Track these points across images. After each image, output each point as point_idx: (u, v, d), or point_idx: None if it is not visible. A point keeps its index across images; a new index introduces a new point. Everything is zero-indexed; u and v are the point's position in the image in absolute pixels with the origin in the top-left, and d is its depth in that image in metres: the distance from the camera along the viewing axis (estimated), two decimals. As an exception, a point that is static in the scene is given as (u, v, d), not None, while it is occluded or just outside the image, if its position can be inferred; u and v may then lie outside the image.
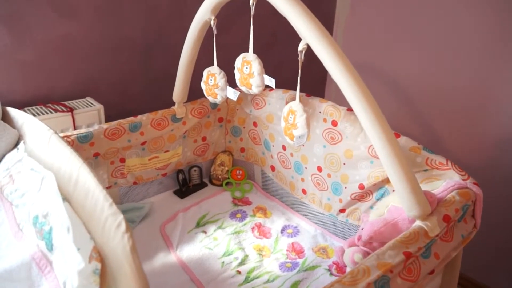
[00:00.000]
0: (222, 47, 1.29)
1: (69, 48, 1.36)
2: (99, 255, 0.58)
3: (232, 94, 1.31)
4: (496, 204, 1.52)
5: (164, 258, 1.25)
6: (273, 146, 1.53)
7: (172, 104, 1.46)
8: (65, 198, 0.69)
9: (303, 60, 0.98)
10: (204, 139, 1.62)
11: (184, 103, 1.47)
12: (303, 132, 1.06)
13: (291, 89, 1.43)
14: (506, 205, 1.54)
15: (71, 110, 1.29)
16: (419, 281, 0.80)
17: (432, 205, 0.87)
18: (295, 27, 0.89)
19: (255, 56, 1.16)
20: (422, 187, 0.89)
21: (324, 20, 0.87)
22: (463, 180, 1.00)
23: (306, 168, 1.42)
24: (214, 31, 1.18)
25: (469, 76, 1.56)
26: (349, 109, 1.26)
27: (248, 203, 1.55)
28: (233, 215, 1.47)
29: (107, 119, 1.38)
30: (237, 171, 1.66)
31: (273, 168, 1.58)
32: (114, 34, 1.43)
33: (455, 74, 1.60)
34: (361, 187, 1.23)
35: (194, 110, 1.50)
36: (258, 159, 1.64)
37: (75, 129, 1.30)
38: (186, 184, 1.60)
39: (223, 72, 1.31)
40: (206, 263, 1.24)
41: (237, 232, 1.38)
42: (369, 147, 1.19)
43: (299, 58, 0.97)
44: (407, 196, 0.84)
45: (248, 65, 1.16)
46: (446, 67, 1.62)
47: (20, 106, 1.29)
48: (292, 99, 1.37)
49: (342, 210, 1.33)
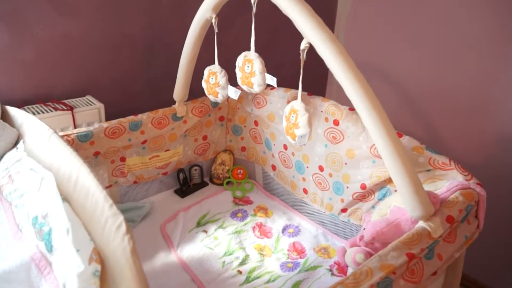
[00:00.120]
0: (223, 45, 1.28)
1: (69, 47, 1.35)
2: (99, 257, 0.58)
3: (233, 93, 1.31)
4: (498, 203, 1.51)
5: (164, 258, 1.25)
6: (274, 145, 1.53)
7: (173, 103, 1.45)
8: (65, 198, 0.69)
9: (305, 59, 0.97)
10: (205, 138, 1.61)
11: (184, 101, 1.46)
12: (305, 132, 1.05)
13: (292, 88, 1.42)
14: (508, 204, 1.53)
15: (71, 108, 1.28)
16: (422, 283, 0.79)
17: (435, 206, 0.86)
18: (297, 25, 0.88)
19: (256, 54, 1.15)
20: (425, 187, 0.88)
21: (325, 19, 0.86)
22: (467, 180, 0.99)
23: (307, 167, 1.41)
24: (215, 29, 1.18)
25: (470, 75, 1.55)
26: (351, 108, 1.25)
27: (249, 202, 1.54)
28: (234, 215, 1.46)
29: (107, 117, 1.37)
30: (238, 170, 1.65)
31: (274, 168, 1.57)
32: (115, 32, 1.42)
33: (457, 72, 1.59)
34: (363, 187, 1.23)
35: (195, 108, 1.49)
36: (259, 158, 1.64)
37: (75, 127, 1.29)
38: (187, 183, 1.59)
39: (224, 71, 1.30)
40: (207, 262, 1.23)
41: (238, 232, 1.37)
42: (371, 146, 1.18)
43: (301, 57, 0.96)
44: (410, 196, 0.84)
45: (250, 64, 1.15)
46: (448, 65, 1.61)
47: (20, 104, 1.28)
48: (293, 98, 1.37)
49: (344, 210, 1.32)
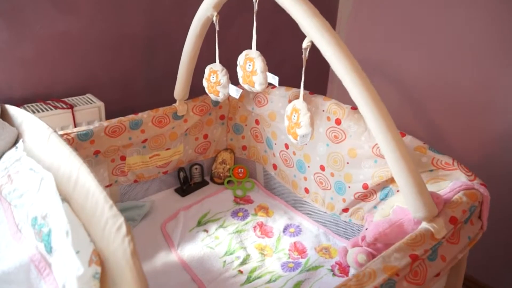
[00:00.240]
0: (224, 43, 1.27)
1: (69, 45, 1.34)
2: (99, 258, 0.57)
3: (234, 92, 1.30)
4: (500, 202, 1.51)
5: (165, 257, 1.24)
6: (275, 144, 1.52)
7: (173, 102, 1.44)
8: (65, 199, 0.68)
9: (307, 58, 0.96)
10: (205, 136, 1.60)
11: (185, 100, 1.45)
12: (307, 131, 1.04)
13: (293, 87, 1.41)
14: (509, 203, 1.52)
15: (71, 107, 1.28)
16: (425, 284, 0.79)
17: (438, 207, 0.86)
18: (299, 23, 0.87)
19: (258, 53, 1.14)
20: (428, 187, 0.87)
21: (327, 18, 0.85)
22: (470, 180, 0.98)
23: (308, 167, 1.40)
24: (217, 28, 1.17)
25: (472, 74, 1.54)
26: (353, 107, 1.24)
27: (249, 201, 1.54)
28: (234, 214, 1.45)
29: (107, 116, 1.36)
30: (239, 169, 1.64)
31: (275, 167, 1.57)
32: (115, 30, 1.41)
33: (458, 71, 1.58)
34: (365, 186, 1.22)
35: (195, 107, 1.48)
36: (260, 157, 1.63)
37: (75, 126, 1.28)
38: (187, 182, 1.59)
39: (225, 70, 1.29)
40: (208, 262, 1.23)
41: (238, 231, 1.36)
42: (374, 146, 1.17)
43: (303, 55, 0.95)
44: (413, 197, 0.83)
45: (251, 63, 1.14)
46: (449, 64, 1.60)
47: (20, 103, 1.28)
48: (295, 97, 1.36)
49: (345, 210, 1.31)
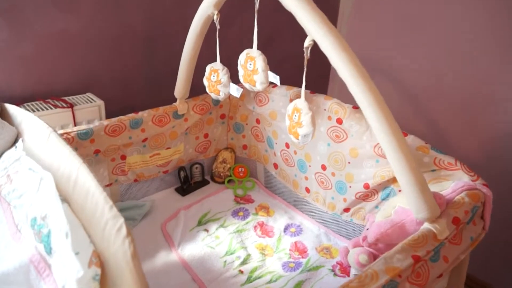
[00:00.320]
0: (225, 42, 1.27)
1: (69, 43, 1.33)
2: (99, 260, 0.56)
3: (235, 91, 1.29)
4: (501, 201, 1.50)
5: (165, 257, 1.24)
6: (276, 143, 1.51)
7: (174, 100, 1.43)
8: (64, 199, 0.67)
9: (308, 57, 0.95)
10: (206, 136, 1.59)
11: (186, 99, 1.44)
12: (308, 131, 1.03)
13: (293, 85, 1.41)
14: (510, 202, 1.52)
15: (71, 106, 1.27)
16: (427, 285, 0.78)
17: (441, 207, 0.85)
18: (301, 22, 0.86)
19: (259, 52, 1.13)
20: (430, 187, 0.86)
21: (328, 15, 0.84)
22: (473, 181, 0.97)
23: (309, 166, 1.40)
24: (217, 26, 1.16)
25: (473, 72, 1.53)
26: (354, 107, 1.23)
27: (250, 201, 1.53)
28: (235, 213, 1.45)
29: (107, 115, 1.36)
30: (239, 169, 1.64)
31: (276, 166, 1.56)
32: (115, 29, 1.41)
33: (460, 70, 1.57)
34: (366, 186, 1.21)
35: (196, 106, 1.47)
36: (260, 157, 1.62)
37: (75, 125, 1.28)
38: (188, 181, 1.58)
39: (226, 68, 1.28)
40: (208, 262, 1.22)
41: (239, 231, 1.36)
42: (375, 145, 1.16)
43: (305, 54, 0.94)
44: (416, 197, 0.82)
45: (252, 62, 1.14)
46: (450, 63, 1.59)
47: (19, 101, 1.27)
48: (296, 96, 1.35)
49: (347, 210, 1.30)
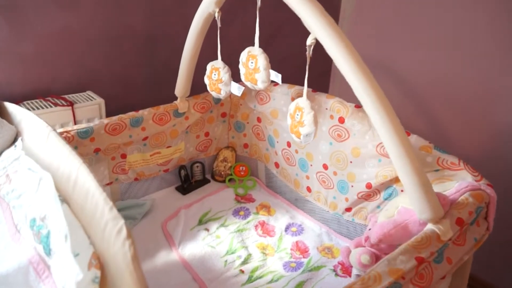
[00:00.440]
0: (226, 40, 1.26)
1: (69, 41, 1.32)
2: (99, 262, 0.56)
3: (236, 89, 1.28)
4: (504, 200, 1.49)
5: (166, 256, 1.23)
6: (277, 142, 1.50)
7: (174, 99, 1.42)
8: (64, 199, 0.66)
9: (311, 55, 0.94)
10: (206, 134, 1.59)
11: (186, 97, 1.43)
12: (310, 130, 1.03)
13: (294, 84, 1.39)
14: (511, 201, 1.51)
15: (71, 104, 1.26)
16: (430, 287, 0.77)
17: (444, 208, 0.84)
18: (304, 20, 0.85)
19: (261, 50, 1.12)
20: (433, 188, 0.85)
21: (329, 14, 0.83)
22: (476, 181, 0.96)
23: (311, 165, 1.39)
24: (218, 24, 1.15)
25: (475, 72, 1.52)
26: (357, 106, 1.22)
27: (251, 200, 1.52)
28: (236, 213, 1.44)
29: (107, 113, 1.35)
30: (240, 167, 1.63)
31: (277, 165, 1.55)
32: (116, 26, 1.39)
33: (461, 69, 1.56)
34: (368, 186, 1.20)
35: (196, 105, 1.46)
36: (261, 156, 1.61)
37: (75, 123, 1.27)
38: (188, 180, 1.57)
39: (227, 67, 1.27)
40: (209, 261, 1.22)
41: (240, 230, 1.35)
42: (378, 145, 1.15)
43: (307, 53, 0.93)
44: (419, 198, 0.81)
45: (254, 60, 1.12)
46: (452, 62, 1.58)
47: (19, 99, 1.26)
48: (298, 94, 1.34)
49: (348, 209, 1.30)
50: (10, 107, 0.97)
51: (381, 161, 1.16)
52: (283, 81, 1.22)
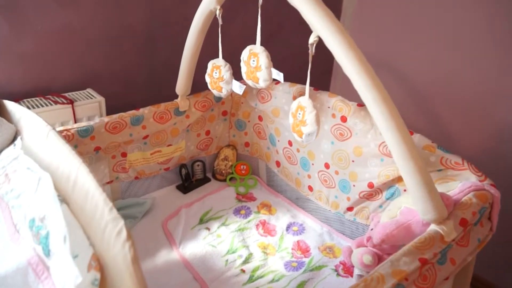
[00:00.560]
0: (227, 38, 1.24)
1: (69, 39, 1.31)
2: (98, 263, 0.55)
3: (237, 87, 1.27)
4: (506, 200, 1.49)
5: (166, 256, 1.23)
6: (278, 141, 1.49)
7: (175, 97, 1.42)
8: (63, 199, 0.66)
9: (313, 53, 0.93)
10: (207, 133, 1.58)
11: (187, 96, 1.42)
12: (312, 130, 1.02)
13: (296, 82, 1.38)
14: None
15: (71, 102, 1.25)
16: (434, 288, 0.77)
17: (448, 208, 0.83)
18: (306, 19, 0.84)
19: (262, 48, 1.11)
20: (437, 188, 0.84)
21: (331, 11, 0.82)
22: (480, 181, 0.96)
23: (312, 164, 1.38)
24: (220, 22, 1.14)
25: (477, 71, 1.51)
26: (359, 104, 1.21)
27: (252, 199, 1.52)
28: (237, 212, 1.43)
29: (108, 111, 1.34)
30: (241, 166, 1.62)
31: (278, 164, 1.54)
32: (116, 24, 1.38)
33: (463, 69, 1.55)
34: (370, 185, 1.20)
35: (197, 103, 1.45)
36: (263, 154, 1.60)
37: (75, 121, 1.26)
38: (189, 179, 1.57)
39: (228, 65, 1.26)
40: (210, 261, 1.21)
41: (241, 229, 1.34)
42: (380, 144, 1.14)
43: (309, 51, 0.92)
44: (422, 198, 0.81)
45: (255, 58, 1.11)
46: (454, 61, 1.57)
47: (19, 97, 1.25)
48: (299, 93, 1.33)
49: (350, 209, 1.29)
50: (10, 105, 0.96)
51: (383, 160, 1.15)
52: (285, 79, 1.22)
